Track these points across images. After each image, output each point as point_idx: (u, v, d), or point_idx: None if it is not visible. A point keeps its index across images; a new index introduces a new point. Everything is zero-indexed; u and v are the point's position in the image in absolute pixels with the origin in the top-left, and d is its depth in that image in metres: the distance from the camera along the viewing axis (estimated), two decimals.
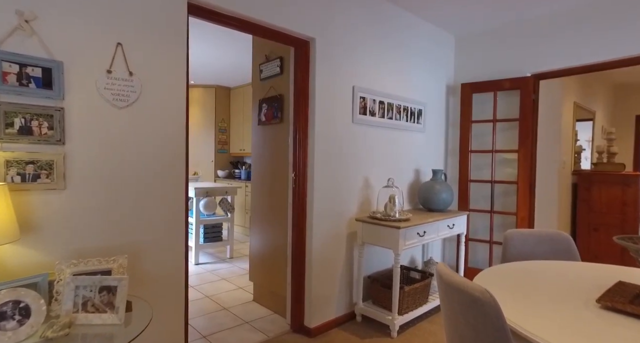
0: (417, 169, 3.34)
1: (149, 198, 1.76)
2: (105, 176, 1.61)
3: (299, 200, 2.57)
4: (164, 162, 1.82)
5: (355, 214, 2.82)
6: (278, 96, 2.84)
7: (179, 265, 1.91)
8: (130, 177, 1.69)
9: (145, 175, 1.75)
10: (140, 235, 1.73)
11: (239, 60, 4.82)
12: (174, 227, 1.87)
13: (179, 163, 1.88)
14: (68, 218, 1.51)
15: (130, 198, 1.70)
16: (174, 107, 1.85)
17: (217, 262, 4.26)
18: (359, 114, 2.79)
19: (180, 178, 1.89)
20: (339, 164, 2.68)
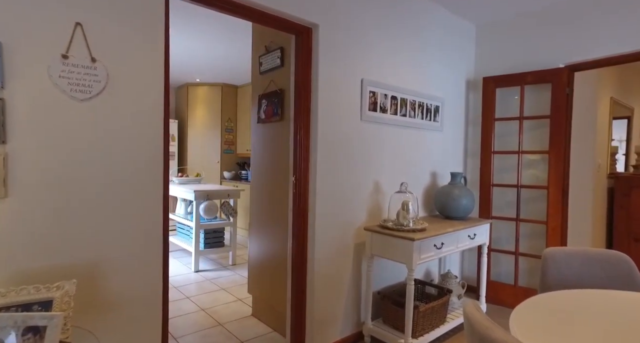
0: (434, 172, 3.02)
1: (116, 207, 1.51)
2: (60, 182, 1.36)
3: (300, 207, 2.29)
4: (137, 165, 1.56)
5: (364, 222, 2.52)
6: (278, 91, 2.57)
7: (156, 285, 1.65)
8: (92, 183, 1.44)
9: (112, 181, 1.49)
10: (105, 251, 1.48)
11: (246, 56, 4.58)
12: (149, 241, 1.61)
13: (156, 167, 1.62)
14: (9, 232, 1.26)
15: (91, 208, 1.44)
16: (149, 102, 1.59)
17: (218, 269, 4.02)
18: (369, 110, 2.49)
19: (157, 185, 1.62)
20: (345, 167, 2.39)
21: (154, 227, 1.62)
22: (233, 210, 4.10)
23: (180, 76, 5.84)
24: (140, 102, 1.56)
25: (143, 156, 1.57)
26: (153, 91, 1.60)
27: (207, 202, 3.91)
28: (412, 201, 2.38)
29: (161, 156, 1.63)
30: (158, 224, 1.64)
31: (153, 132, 1.61)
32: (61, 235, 1.38)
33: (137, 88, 1.54)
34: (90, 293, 1.45)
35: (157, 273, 1.65)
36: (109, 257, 1.49)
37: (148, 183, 1.59)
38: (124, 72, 1.50)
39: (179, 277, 3.72)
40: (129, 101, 1.52)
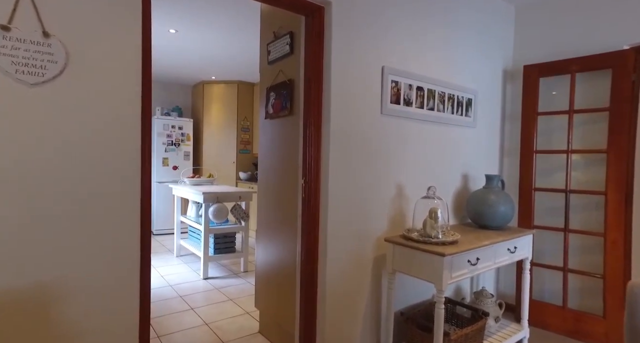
0: (465, 174, 2.65)
1: (75, 220, 1.25)
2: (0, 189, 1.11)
3: (310, 214, 1.98)
4: (105, 170, 1.30)
5: (385, 232, 2.19)
6: (287, 82, 2.27)
7: (131, 311, 1.38)
8: (46, 191, 1.18)
9: (72, 188, 1.23)
10: (60, 271, 1.22)
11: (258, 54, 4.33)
12: (121, 258, 1.34)
13: (131, 173, 1.35)
14: None
15: (43, 220, 1.18)
16: (124, 93, 1.33)
17: (228, 277, 3.77)
18: (391, 102, 2.16)
19: (131, 194, 1.35)
20: (363, 168, 2.06)
21: (128, 242, 1.36)
22: (245, 213, 3.85)
23: (195, 74, 5.67)
24: (112, 93, 1.30)
25: (113, 159, 1.31)
26: (129, 80, 1.33)
27: (217, 205, 3.67)
28: (442, 208, 2.03)
29: (138, 160, 1.37)
30: (133, 239, 1.37)
31: (128, 130, 1.34)
32: (2, 253, 1.13)
33: (107, 75, 1.28)
34: (35, 327, 1.20)
35: (132, 298, 1.38)
36: (65, 280, 1.23)
37: (119, 191, 1.32)
38: (89, 53, 1.24)
39: (185, 285, 3.49)
40: (96, 90, 1.26)
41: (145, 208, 1.38)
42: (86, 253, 1.27)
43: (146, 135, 1.42)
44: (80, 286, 1.27)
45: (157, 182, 5.64)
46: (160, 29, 3.71)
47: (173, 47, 4.28)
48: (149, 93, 1.43)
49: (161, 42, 4.11)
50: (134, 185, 1.36)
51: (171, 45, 4.21)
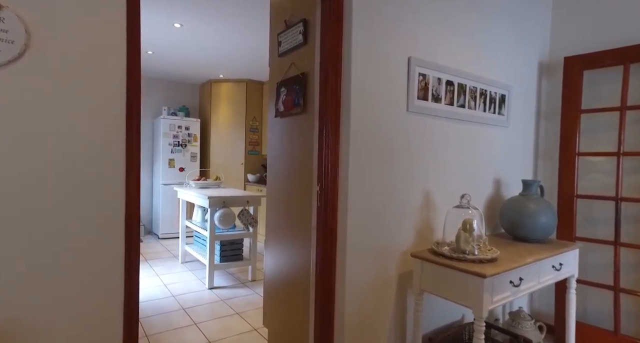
0: (497, 179, 2.37)
1: (40, 238, 1.02)
2: None
3: (326, 225, 1.73)
4: (79, 176, 1.07)
5: (411, 246, 1.92)
6: (300, 76, 2.03)
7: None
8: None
9: (36, 199, 1.00)
10: (20, 306, 0.99)
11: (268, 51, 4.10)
12: (98, 287, 1.11)
13: (110, 182, 1.12)
14: None
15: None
16: (103, 86, 1.09)
17: (235, 287, 3.53)
18: (418, 98, 1.90)
19: (111, 209, 1.13)
20: (386, 173, 1.80)
21: (108, 267, 1.12)
22: (253, 219, 3.61)
23: (202, 72, 5.47)
24: (88, 87, 1.07)
25: (87, 166, 1.08)
26: (111, 70, 1.10)
27: (223, 210, 3.44)
28: (477, 219, 1.76)
29: (121, 167, 1.13)
30: (115, 263, 1.14)
31: (107, 131, 1.11)
32: None
33: (82, 63, 1.05)
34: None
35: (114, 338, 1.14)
36: (24, 317, 1.00)
37: (95, 206, 1.09)
38: (59, 36, 1.01)
39: (189, 296, 3.26)
40: (67, 82, 1.03)
41: (130, 225, 1.15)
42: (55, 285, 1.04)
43: (134, 139, 1.18)
44: (54, 321, 1.03)
45: (163, 184, 5.45)
46: (164, 22, 3.50)
47: (178, 42, 4.08)
48: (136, 88, 1.20)
49: (166, 37, 3.91)
50: (115, 198, 1.12)
51: (176, 40, 4.01)
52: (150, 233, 5.82)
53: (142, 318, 2.79)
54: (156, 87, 5.90)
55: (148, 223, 5.89)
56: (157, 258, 4.43)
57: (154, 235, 5.70)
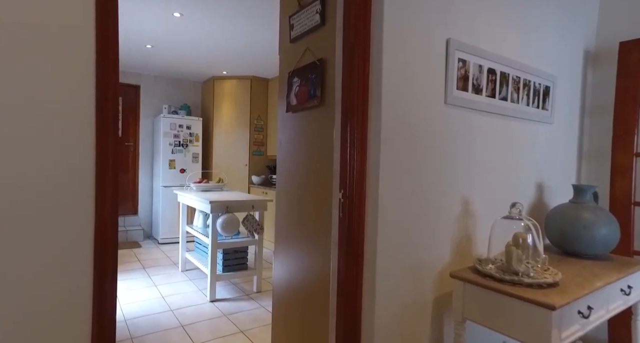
0: (540, 184, 2.07)
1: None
2: None
3: (351, 242, 1.43)
4: (32, 184, 0.78)
5: (448, 264, 1.63)
6: (317, 63, 1.74)
7: None
8: None
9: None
10: None
11: (276, 45, 3.81)
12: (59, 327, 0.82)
13: (78, 192, 0.83)
14: None
15: None
16: (61, 77, 0.81)
17: (239, 299, 3.24)
18: (457, 88, 1.60)
19: (75, 228, 0.84)
20: (421, 178, 1.51)
21: (70, 305, 0.83)
22: (258, 225, 3.32)
23: (205, 68, 5.19)
24: (38, 81, 0.78)
25: (41, 171, 0.79)
26: (73, 58, 0.81)
27: (226, 215, 3.16)
28: (533, 233, 1.46)
29: (89, 175, 0.85)
30: (80, 299, 0.85)
31: (67, 123, 0.82)
32: None
33: (32, 48, 0.76)
34: None
35: None
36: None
37: (50, 224, 0.80)
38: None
39: (189, 310, 2.98)
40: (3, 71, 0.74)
41: (102, 248, 0.86)
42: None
43: (106, 156, 0.89)
44: None
45: (163, 186, 5.17)
46: (162, 11, 3.22)
47: (179, 34, 3.80)
48: (110, 86, 0.91)
49: (165, 28, 3.63)
50: (80, 212, 0.83)
51: (177, 32, 3.73)
52: (149, 238, 5.55)
53: (137, 336, 2.50)
54: (156, 85, 5.63)
55: (147, 228, 5.61)
56: (156, 266, 4.15)
57: (154, 240, 5.42)
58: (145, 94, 5.56)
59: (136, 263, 4.23)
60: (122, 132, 5.47)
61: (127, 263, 4.22)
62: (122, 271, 3.91)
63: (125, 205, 5.55)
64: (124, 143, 5.50)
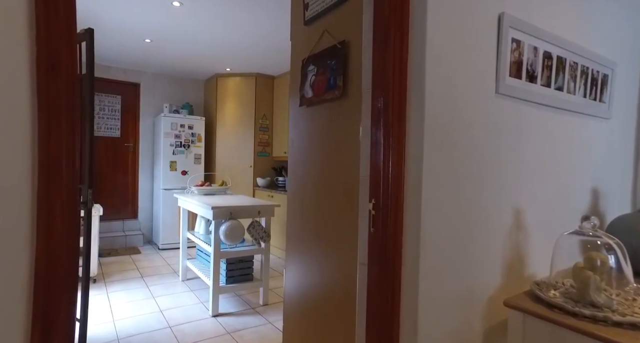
0: (595, 189, 1.78)
1: None
2: None
3: (386, 263, 1.15)
4: None
5: (499, 289, 1.34)
6: (338, 46, 1.46)
7: None
8: None
9: None
10: None
11: (285, 34, 3.53)
12: None
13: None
14: None
15: None
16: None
17: (244, 313, 2.97)
18: (510, 75, 1.32)
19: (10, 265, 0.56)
20: (469, 184, 1.23)
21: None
22: (265, 232, 3.05)
23: (208, 65, 4.93)
24: None
25: None
26: None
27: (230, 222, 2.88)
28: (618, 255, 1.17)
29: (24, 186, 0.57)
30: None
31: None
32: None
33: None
34: None
35: None
36: None
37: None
38: None
39: (189, 327, 2.70)
40: None
41: (47, 324, 0.58)
42: None
43: (57, 159, 0.62)
44: None
45: (163, 189, 4.91)
46: (161, 0, 2.96)
47: (179, 27, 3.53)
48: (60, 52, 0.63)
49: (165, 20, 3.36)
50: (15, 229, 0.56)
51: (176, 24, 3.46)
52: (149, 243, 5.29)
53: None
54: (157, 83, 5.38)
55: (148, 232, 5.36)
56: (155, 275, 3.88)
57: (154, 245, 5.16)
58: (145, 92, 5.31)
59: (134, 271, 3.97)
60: (121, 132, 5.22)
61: (124, 271, 3.96)
62: (119, 280, 3.65)
63: (125, 208, 5.30)
64: (123, 144, 5.25)
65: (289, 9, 1.86)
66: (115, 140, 5.19)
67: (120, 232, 5.11)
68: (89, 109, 2.06)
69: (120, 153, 5.24)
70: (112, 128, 5.15)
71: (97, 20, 3.40)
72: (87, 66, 2.04)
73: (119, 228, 5.15)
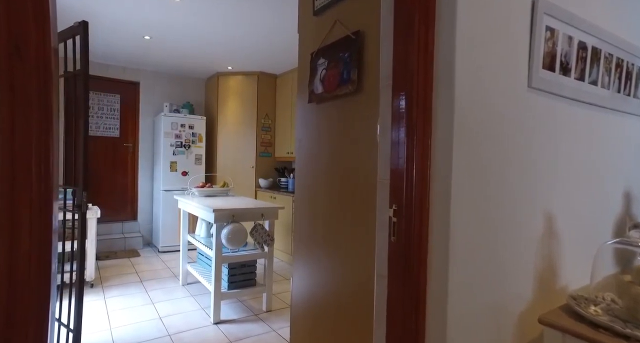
0: (627, 193, 1.65)
1: None
2: None
3: (409, 277, 1.03)
4: None
5: (531, 304, 1.21)
6: (352, 37, 1.34)
7: None
8: None
9: None
10: None
11: (290, 30, 3.40)
12: None
13: None
14: None
15: None
16: None
17: (247, 320, 2.85)
18: (543, 68, 1.19)
19: None
20: (499, 187, 1.10)
21: None
22: (269, 236, 2.92)
23: (208, 64, 4.82)
24: None
25: None
26: None
27: (232, 225, 2.76)
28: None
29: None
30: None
31: None
32: None
33: None
34: None
35: None
36: None
37: None
38: None
39: (189, 335, 2.58)
40: None
41: None
42: None
43: None
44: None
45: (163, 190, 4.79)
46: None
47: (179, 23, 3.41)
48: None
49: (164, 16, 3.24)
50: None
51: (177, 20, 3.34)
52: (149, 246, 5.17)
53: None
54: (157, 81, 5.26)
55: (147, 234, 5.24)
56: (155, 279, 3.76)
57: (154, 248, 5.04)
58: (145, 91, 5.19)
59: (133, 275, 3.85)
60: (120, 132, 5.11)
61: (123, 275, 3.84)
62: (117, 285, 3.53)
63: (124, 210, 5.18)
64: (122, 144, 5.13)
65: (292, 3, 1.74)
66: (114, 140, 5.07)
67: (120, 234, 4.99)
68: (84, 108, 1.94)
69: (119, 153, 5.13)
70: (111, 128, 5.03)
71: (95, 16, 3.28)
72: (81, 61, 1.92)
73: (118, 230, 5.03)
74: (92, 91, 4.87)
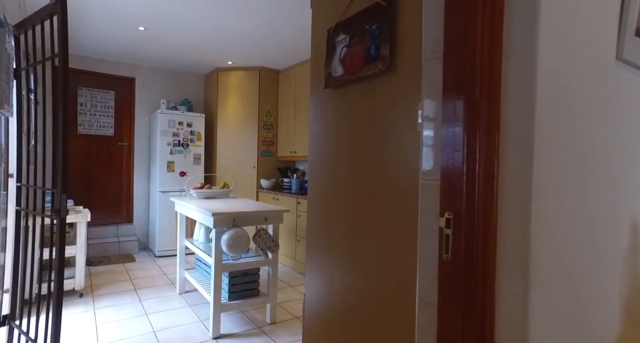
0: None
1: None
2: None
3: (475, 310, 0.77)
4: None
5: (618, 339, 0.95)
6: (382, 3, 1.08)
7: None
8: None
9: None
10: None
11: (294, 23, 3.15)
12: None
13: None
14: None
15: None
16: None
17: (249, 334, 2.59)
18: (636, 34, 0.93)
19: None
20: (583, 188, 0.84)
21: None
22: (273, 242, 2.67)
23: (208, 59, 4.57)
24: None
25: None
26: None
27: (233, 231, 2.50)
28: None
29: None
30: None
31: None
32: None
33: None
34: None
35: None
36: None
37: None
38: None
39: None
40: None
41: None
42: None
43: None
44: None
45: (160, 191, 4.53)
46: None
47: (175, 13, 3.16)
48: None
49: (159, 3, 2.99)
50: None
51: (172, 10, 3.09)
52: (145, 250, 4.91)
53: None
54: (153, 77, 5.01)
55: (143, 238, 4.98)
56: (150, 286, 3.50)
57: (150, 252, 4.78)
58: (140, 87, 4.93)
59: (127, 282, 3.59)
60: (115, 131, 4.85)
61: (116, 282, 3.58)
62: (109, 294, 3.28)
63: (119, 212, 4.92)
64: (117, 143, 4.88)
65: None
66: (108, 139, 4.82)
67: (114, 237, 4.73)
68: (62, 100, 1.69)
69: (113, 153, 4.87)
70: (105, 126, 4.78)
71: (83, 4, 3.02)
72: (59, 43, 1.67)
73: (112, 233, 4.77)
74: (84, 87, 4.62)
